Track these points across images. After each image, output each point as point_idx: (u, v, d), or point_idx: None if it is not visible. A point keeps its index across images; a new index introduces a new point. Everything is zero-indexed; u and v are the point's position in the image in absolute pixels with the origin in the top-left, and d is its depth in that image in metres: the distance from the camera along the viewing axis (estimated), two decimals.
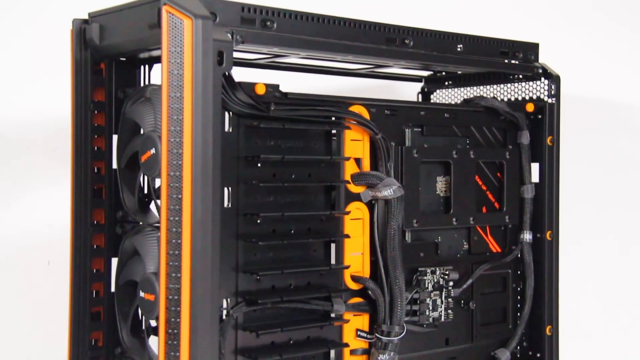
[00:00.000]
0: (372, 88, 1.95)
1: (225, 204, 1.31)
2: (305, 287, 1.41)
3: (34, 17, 2.00)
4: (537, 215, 1.68)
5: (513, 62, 1.67)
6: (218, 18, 1.27)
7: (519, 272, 1.69)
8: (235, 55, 1.27)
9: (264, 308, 1.35)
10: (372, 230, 1.47)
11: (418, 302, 1.53)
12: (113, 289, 1.45)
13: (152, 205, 1.43)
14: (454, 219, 1.58)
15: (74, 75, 1.43)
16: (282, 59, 1.60)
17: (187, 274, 1.20)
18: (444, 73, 1.86)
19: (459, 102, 1.81)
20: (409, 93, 1.97)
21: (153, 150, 1.29)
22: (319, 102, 1.40)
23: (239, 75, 1.31)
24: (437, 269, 1.56)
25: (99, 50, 1.41)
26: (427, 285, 1.54)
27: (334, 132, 1.44)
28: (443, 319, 1.57)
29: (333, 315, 1.42)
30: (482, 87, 1.81)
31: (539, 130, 1.69)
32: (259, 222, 1.35)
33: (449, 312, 1.57)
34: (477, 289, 1.63)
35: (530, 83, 1.73)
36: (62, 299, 1.52)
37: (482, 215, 1.63)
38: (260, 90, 1.33)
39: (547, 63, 1.71)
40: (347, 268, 1.44)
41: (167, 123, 1.21)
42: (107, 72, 1.45)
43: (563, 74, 1.70)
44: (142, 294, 1.33)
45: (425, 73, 1.91)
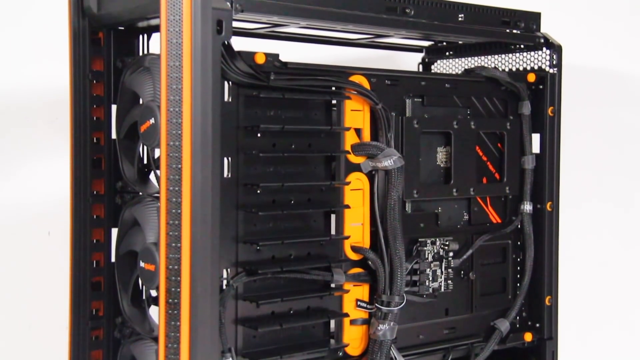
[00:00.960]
0: (372, 58, 1.94)
1: (225, 174, 1.31)
2: (305, 257, 1.41)
3: None
4: (537, 186, 1.68)
5: (514, 31, 1.66)
6: None
7: (519, 242, 1.69)
8: (235, 25, 1.26)
9: (264, 278, 1.35)
10: (372, 201, 1.46)
11: (418, 272, 1.53)
12: (113, 259, 1.45)
13: (151, 176, 1.43)
14: (454, 190, 1.58)
15: (72, 45, 1.42)
16: (281, 29, 1.59)
17: (187, 244, 1.20)
18: (445, 43, 1.85)
19: (460, 72, 1.80)
20: (410, 63, 1.96)
21: (152, 120, 1.28)
22: (319, 71, 1.39)
23: (239, 45, 1.30)
24: (437, 240, 1.56)
25: (97, 19, 1.40)
26: (427, 256, 1.54)
27: (334, 102, 1.43)
28: (443, 290, 1.57)
29: (333, 286, 1.43)
30: (483, 57, 1.80)
31: (540, 101, 1.68)
32: (259, 192, 1.34)
33: (449, 282, 1.58)
34: (477, 260, 1.63)
35: (532, 53, 1.71)
36: (62, 269, 1.52)
37: (482, 186, 1.63)
38: (260, 60, 1.32)
39: (548, 33, 1.69)
40: (347, 238, 1.44)
41: (166, 92, 1.21)
42: (105, 41, 1.44)
43: (565, 44, 1.69)
44: (142, 264, 1.33)
45: (426, 43, 1.89)
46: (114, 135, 1.44)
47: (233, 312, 1.33)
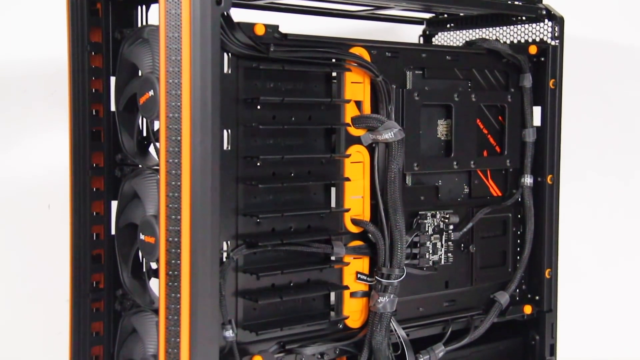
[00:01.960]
0: (373, 31, 1.93)
1: (225, 147, 1.30)
2: (306, 230, 1.41)
3: None
4: (538, 159, 1.68)
5: (516, 3, 1.65)
6: None
7: (519, 215, 1.69)
8: None
9: (264, 251, 1.35)
10: (372, 174, 1.46)
11: (418, 245, 1.53)
12: (113, 232, 1.45)
13: (151, 148, 1.43)
14: (455, 163, 1.58)
15: (70, 16, 1.41)
16: (281, 0, 1.57)
17: (186, 216, 1.20)
18: (446, 15, 1.84)
19: (461, 44, 1.78)
20: (411, 36, 1.95)
21: (151, 92, 1.28)
22: (319, 43, 1.38)
23: (238, 17, 1.29)
24: (437, 213, 1.55)
25: None
26: (427, 229, 1.54)
27: (334, 74, 1.42)
28: (443, 262, 1.57)
29: (333, 258, 1.43)
30: (484, 29, 1.79)
31: (542, 73, 1.67)
32: (259, 164, 1.34)
33: (449, 255, 1.58)
34: (477, 233, 1.63)
35: (534, 25, 1.70)
36: (62, 242, 1.52)
37: (483, 159, 1.63)
38: (260, 31, 1.30)
39: (550, 4, 1.68)
40: (347, 211, 1.44)
41: (165, 64, 1.20)
42: (103, 12, 1.43)
43: (567, 16, 1.68)
44: (142, 237, 1.33)
45: (427, 15, 1.88)
46: (113, 108, 1.44)
47: (233, 284, 1.33)
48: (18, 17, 1.96)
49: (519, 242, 1.69)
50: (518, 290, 1.70)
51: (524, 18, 1.70)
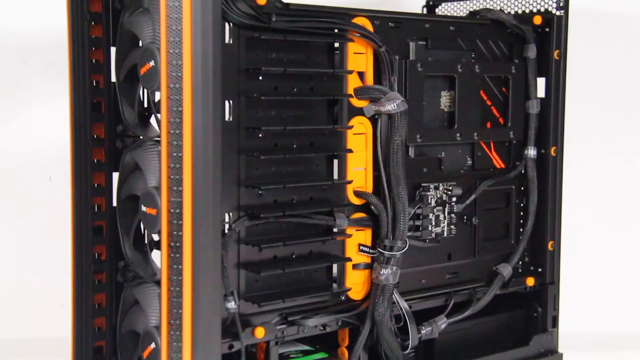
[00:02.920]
0: (376, 1, 1.91)
1: (227, 118, 1.30)
2: (308, 201, 1.40)
3: None
4: (542, 131, 1.67)
5: None
6: None
7: (522, 188, 1.68)
8: None
9: (267, 222, 1.35)
10: (375, 145, 1.45)
11: (421, 217, 1.53)
12: (115, 204, 1.45)
13: (152, 119, 1.42)
14: (458, 134, 1.57)
15: None
16: None
17: (188, 188, 1.19)
18: None
19: (465, 14, 1.77)
20: (414, 6, 1.93)
21: (152, 63, 1.26)
22: (322, 13, 1.37)
23: None
24: (440, 185, 1.55)
25: None
26: (430, 201, 1.54)
27: (337, 44, 1.41)
28: (445, 234, 1.57)
29: (335, 230, 1.42)
30: None
31: (546, 44, 1.65)
32: (261, 136, 1.33)
33: (452, 227, 1.57)
34: (480, 205, 1.62)
35: None
36: (64, 214, 1.52)
37: (486, 131, 1.61)
38: (261, 1, 1.29)
39: None
40: (349, 183, 1.43)
41: (165, 34, 1.18)
42: None
43: None
44: (143, 208, 1.32)
45: None
46: (114, 79, 1.42)
47: (235, 256, 1.33)
48: None
49: (522, 214, 1.69)
50: (521, 263, 1.69)
51: None
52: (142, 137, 1.39)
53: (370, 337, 1.46)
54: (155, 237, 1.42)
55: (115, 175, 1.45)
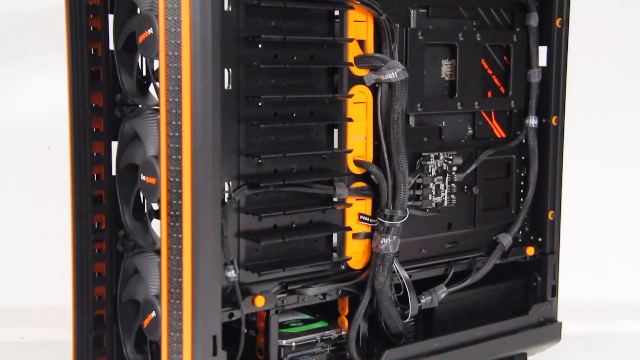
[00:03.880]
0: None
1: (226, 86, 1.29)
2: (308, 171, 1.40)
3: None
4: (543, 100, 1.66)
5: None
6: None
7: (523, 157, 1.68)
8: None
9: (266, 192, 1.35)
10: (375, 114, 1.44)
11: (421, 186, 1.52)
12: (114, 173, 1.44)
13: (151, 88, 1.41)
14: (459, 104, 1.56)
15: None
16: None
17: (187, 156, 1.19)
18: None
19: None
20: None
21: (150, 30, 1.25)
22: None
23: None
24: (440, 154, 1.54)
25: None
26: (430, 170, 1.53)
27: (337, 12, 1.39)
28: (446, 204, 1.56)
29: (335, 200, 1.42)
30: None
31: (548, 12, 1.64)
32: (260, 104, 1.32)
33: (452, 197, 1.57)
34: (480, 174, 1.62)
35: None
36: (63, 184, 1.52)
37: (487, 100, 1.61)
38: None
39: None
40: (349, 152, 1.43)
41: (164, 1, 1.17)
42: None
43: None
44: (143, 177, 1.32)
45: None
46: (112, 46, 1.41)
47: (235, 225, 1.33)
48: None
49: (523, 183, 1.68)
50: (521, 232, 1.69)
51: None
52: (141, 105, 1.39)
53: (370, 306, 1.46)
54: (155, 206, 1.42)
55: (115, 144, 1.44)
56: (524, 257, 1.69)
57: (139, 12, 1.33)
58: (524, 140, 1.66)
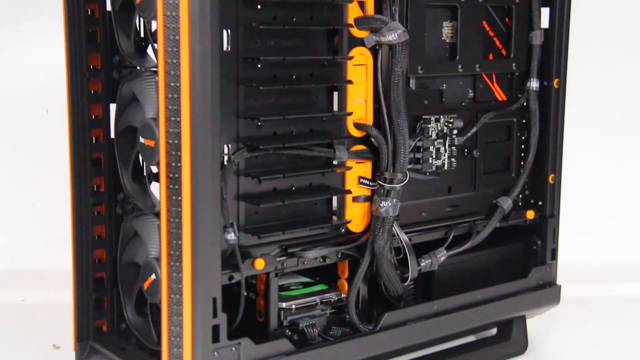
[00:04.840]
0: None
1: (225, 47, 1.27)
2: (307, 133, 1.39)
3: None
4: (545, 63, 1.64)
5: None
6: None
7: (524, 120, 1.67)
8: None
9: (266, 154, 1.34)
10: (375, 77, 1.43)
11: (421, 150, 1.51)
12: (112, 135, 1.44)
13: (149, 49, 1.39)
14: (460, 66, 1.54)
15: None
16: None
17: (186, 118, 1.18)
18: None
19: None
20: None
21: None
22: None
23: None
24: (441, 117, 1.53)
25: None
26: (430, 133, 1.52)
27: None
28: (446, 167, 1.56)
29: (335, 162, 1.41)
30: None
31: None
32: (260, 66, 1.31)
33: (452, 160, 1.56)
34: (481, 138, 1.61)
35: None
36: (62, 147, 1.51)
37: (488, 62, 1.59)
38: None
39: None
40: (349, 115, 1.42)
41: None
42: None
43: None
44: (142, 140, 1.31)
45: None
46: (109, 7, 1.39)
47: (235, 188, 1.32)
48: None
49: (523, 147, 1.67)
50: (521, 196, 1.69)
51: None
52: (139, 67, 1.37)
53: (370, 269, 1.46)
54: (154, 168, 1.41)
55: (113, 107, 1.43)
56: (524, 220, 1.69)
57: None
58: (525, 104, 1.65)
